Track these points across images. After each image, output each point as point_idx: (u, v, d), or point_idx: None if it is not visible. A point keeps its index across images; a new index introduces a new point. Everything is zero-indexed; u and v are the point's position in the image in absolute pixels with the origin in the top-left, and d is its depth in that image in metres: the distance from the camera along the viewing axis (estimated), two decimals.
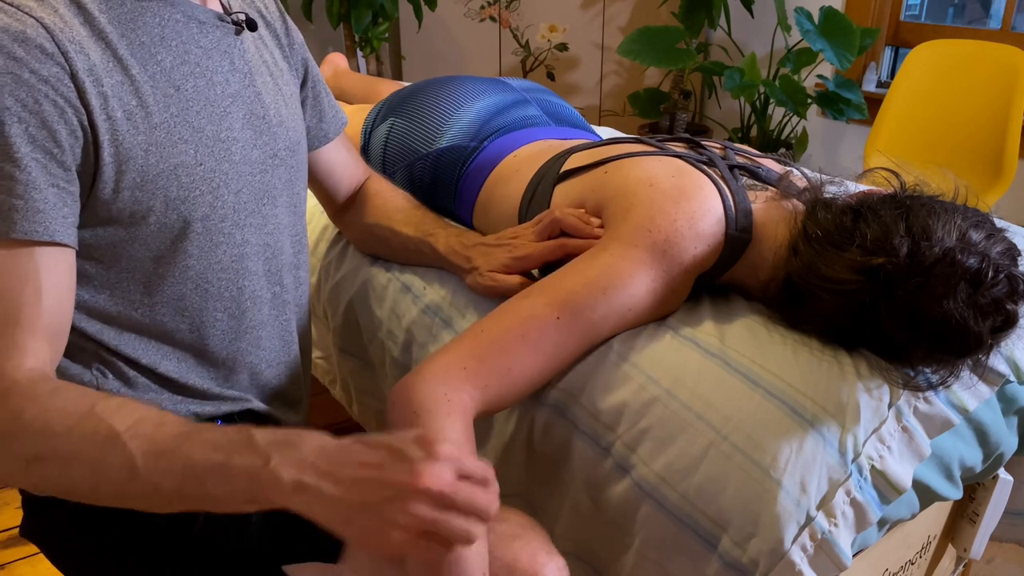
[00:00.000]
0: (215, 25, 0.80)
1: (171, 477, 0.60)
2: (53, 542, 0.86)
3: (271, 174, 0.86)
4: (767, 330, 0.86)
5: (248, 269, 0.85)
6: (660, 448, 0.80)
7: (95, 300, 0.76)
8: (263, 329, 0.89)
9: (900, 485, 0.77)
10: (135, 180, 0.72)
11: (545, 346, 0.83)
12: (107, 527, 0.80)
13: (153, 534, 0.79)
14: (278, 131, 0.86)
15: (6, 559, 1.48)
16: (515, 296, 0.87)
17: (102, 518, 0.76)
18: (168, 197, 0.74)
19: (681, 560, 0.79)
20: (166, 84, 0.74)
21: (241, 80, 0.82)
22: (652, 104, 3.03)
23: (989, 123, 2.17)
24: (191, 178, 0.76)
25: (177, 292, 0.79)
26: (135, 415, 0.63)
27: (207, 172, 0.77)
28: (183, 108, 0.75)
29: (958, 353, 0.78)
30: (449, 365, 0.80)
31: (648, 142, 1.06)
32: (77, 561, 0.85)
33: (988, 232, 0.79)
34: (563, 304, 0.84)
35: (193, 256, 0.79)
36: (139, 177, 0.72)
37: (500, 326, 0.83)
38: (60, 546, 0.86)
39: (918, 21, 2.86)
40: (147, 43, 0.73)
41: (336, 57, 1.95)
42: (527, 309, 0.84)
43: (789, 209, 0.89)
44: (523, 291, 0.88)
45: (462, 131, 1.19)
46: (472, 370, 0.80)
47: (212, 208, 0.78)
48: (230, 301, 0.84)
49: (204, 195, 0.77)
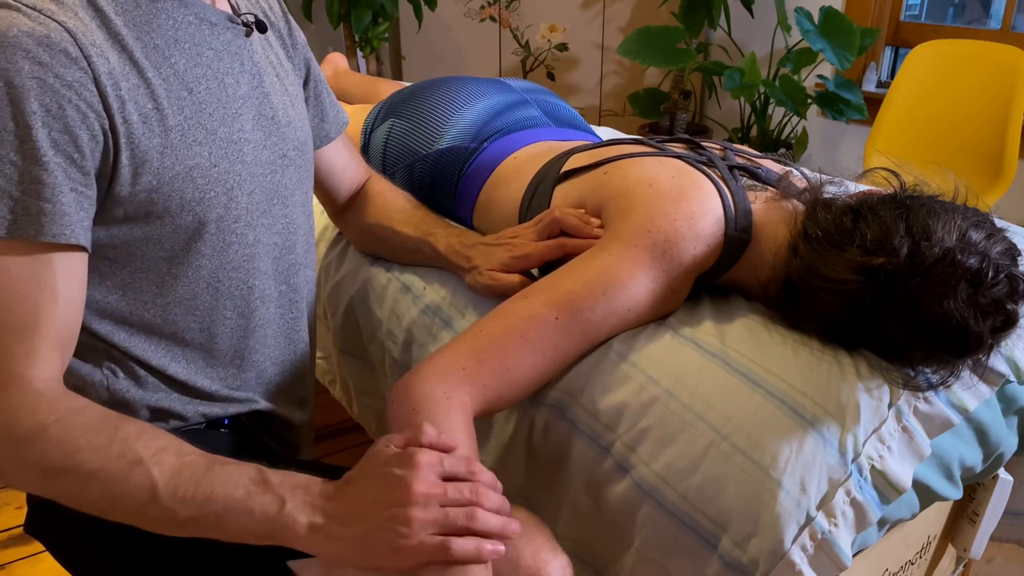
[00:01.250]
0: (226, 27, 0.80)
1: (190, 507, 0.65)
2: (57, 538, 0.86)
3: (282, 174, 0.86)
4: (767, 330, 0.86)
5: (258, 268, 0.85)
6: (660, 448, 0.80)
7: (107, 300, 0.77)
8: (270, 327, 0.89)
9: (900, 485, 0.77)
10: (151, 182, 0.72)
11: (544, 346, 0.83)
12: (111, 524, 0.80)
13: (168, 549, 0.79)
14: (287, 131, 0.87)
15: (6, 559, 1.48)
16: (514, 296, 0.87)
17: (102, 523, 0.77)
18: (183, 199, 0.75)
19: (681, 560, 0.79)
20: (179, 87, 0.75)
21: (251, 81, 0.83)
22: (652, 104, 3.03)
23: (989, 123, 2.17)
24: (206, 180, 0.76)
25: (189, 291, 0.80)
26: (159, 442, 0.67)
27: (221, 174, 0.78)
28: (196, 111, 0.76)
29: (958, 353, 0.78)
30: (448, 365, 0.80)
31: (648, 143, 1.06)
32: (82, 557, 0.86)
33: (988, 232, 0.79)
34: (562, 304, 0.84)
35: (206, 256, 0.79)
36: (155, 179, 0.73)
37: (499, 326, 0.83)
38: (65, 542, 0.86)
39: (918, 21, 2.86)
40: (161, 46, 0.74)
41: (336, 57, 1.95)
42: (526, 309, 0.84)
43: (789, 209, 0.89)
44: (522, 291, 0.88)
45: (462, 132, 1.19)
46: (471, 370, 0.80)
47: (226, 209, 0.79)
48: (240, 300, 0.84)
49: (219, 196, 0.78)
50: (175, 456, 0.66)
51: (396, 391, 0.80)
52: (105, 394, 0.80)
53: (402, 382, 0.80)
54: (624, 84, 3.25)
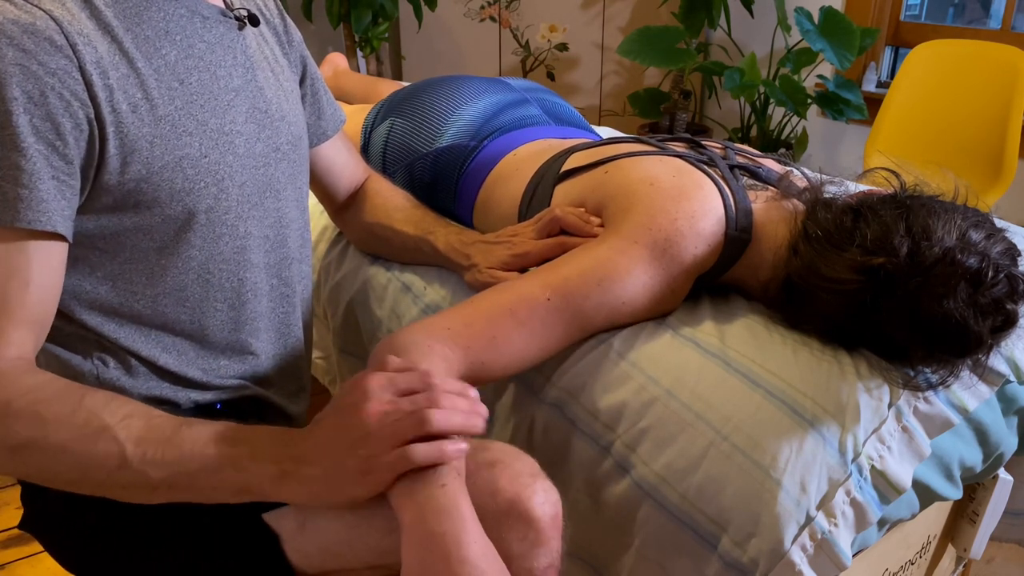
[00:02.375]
0: (218, 20, 0.81)
1: (160, 468, 0.65)
2: (54, 534, 0.86)
3: (274, 168, 0.86)
4: (767, 330, 0.86)
5: (250, 261, 0.85)
6: (660, 448, 0.80)
7: (97, 291, 0.77)
8: (261, 320, 0.89)
9: (900, 485, 0.77)
10: (140, 172, 0.72)
11: (532, 323, 0.84)
12: (105, 518, 0.80)
13: (150, 524, 0.79)
14: (280, 125, 0.87)
15: (6, 559, 1.48)
16: (514, 278, 0.89)
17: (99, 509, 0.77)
18: (173, 189, 0.75)
19: (681, 560, 0.79)
20: (171, 78, 0.75)
21: (243, 75, 0.83)
22: (652, 104, 3.03)
23: (989, 123, 2.17)
24: (196, 170, 0.76)
25: (179, 283, 0.80)
26: (125, 409, 0.67)
27: (212, 164, 0.78)
28: (187, 101, 0.76)
29: (958, 353, 0.78)
30: (435, 322, 0.82)
31: (648, 142, 1.06)
32: (78, 553, 0.86)
33: (988, 232, 0.79)
34: (556, 288, 0.85)
35: (196, 247, 0.79)
36: (144, 169, 0.73)
37: (490, 298, 0.85)
38: (59, 538, 0.86)
39: (918, 21, 2.86)
40: (152, 37, 0.74)
41: (336, 57, 1.95)
42: (520, 288, 0.86)
43: (789, 209, 0.89)
44: (523, 275, 0.90)
45: (462, 131, 1.19)
46: (456, 331, 0.81)
47: (216, 200, 0.79)
48: (231, 292, 0.84)
49: (208, 187, 0.78)
50: (142, 420, 0.66)
51: (380, 343, 0.80)
52: (95, 383, 0.79)
53: (387, 336, 0.81)
54: (624, 84, 3.25)
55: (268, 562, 0.77)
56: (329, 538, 0.76)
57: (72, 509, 0.82)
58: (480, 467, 0.70)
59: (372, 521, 0.74)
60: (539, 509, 0.69)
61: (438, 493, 0.64)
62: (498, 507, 0.68)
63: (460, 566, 0.61)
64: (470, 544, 0.62)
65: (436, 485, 0.64)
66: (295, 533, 0.77)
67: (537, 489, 0.70)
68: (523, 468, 0.72)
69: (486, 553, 0.63)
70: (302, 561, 0.77)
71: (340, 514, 0.75)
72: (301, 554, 0.77)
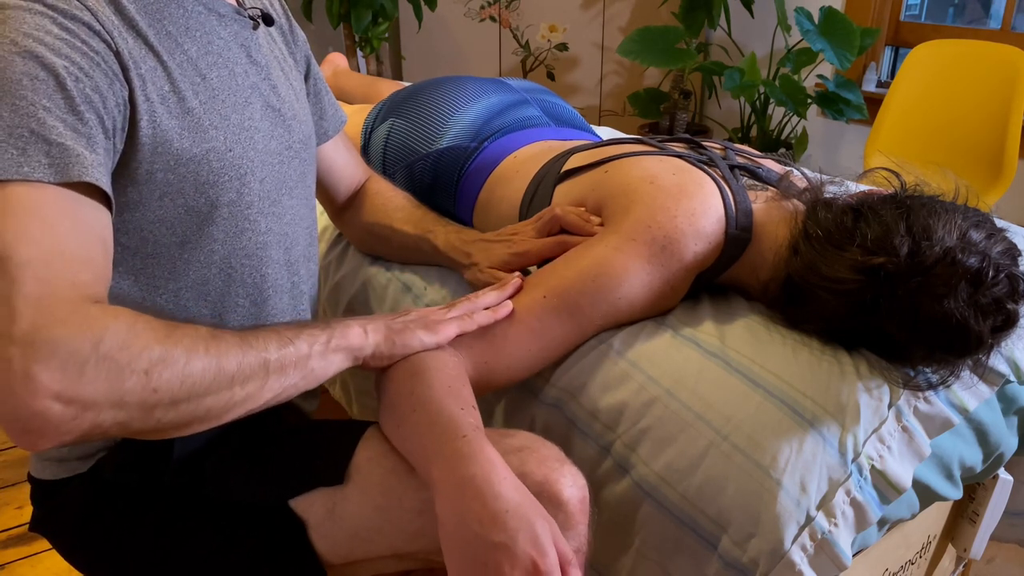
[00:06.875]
0: (233, 18, 0.82)
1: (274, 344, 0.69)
2: (66, 534, 0.86)
3: (287, 166, 0.87)
4: (767, 330, 0.86)
5: (270, 257, 0.86)
6: (660, 448, 0.80)
7: (119, 286, 0.77)
8: (282, 318, 0.90)
9: (900, 485, 0.77)
10: (168, 163, 0.73)
11: (530, 321, 0.85)
12: (124, 516, 0.80)
13: (173, 518, 0.79)
14: (292, 124, 0.88)
15: (6, 559, 1.48)
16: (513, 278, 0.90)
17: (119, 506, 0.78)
18: (198, 181, 0.76)
19: (681, 560, 0.79)
20: (193, 73, 0.76)
21: (258, 72, 0.84)
22: (652, 104, 3.03)
23: (989, 123, 2.17)
24: (221, 163, 0.77)
25: (201, 277, 0.81)
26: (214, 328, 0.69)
27: (236, 158, 0.79)
28: (211, 96, 0.77)
29: (958, 353, 0.78)
30: None
31: (648, 142, 1.06)
32: (94, 552, 0.85)
33: (988, 232, 0.79)
34: (552, 286, 0.86)
35: (218, 241, 0.80)
36: (173, 160, 0.73)
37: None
38: (74, 538, 0.86)
39: (918, 21, 2.86)
40: (173, 33, 0.75)
41: (336, 57, 1.95)
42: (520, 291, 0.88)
43: (789, 209, 0.90)
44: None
45: (462, 131, 1.19)
46: None
47: (239, 194, 0.80)
48: (252, 288, 0.85)
49: (232, 181, 0.79)
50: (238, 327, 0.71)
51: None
52: None
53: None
54: (624, 84, 3.25)
55: (294, 552, 0.76)
56: (359, 524, 0.75)
57: (89, 508, 0.82)
58: (508, 452, 0.71)
59: (403, 503, 0.74)
60: (568, 492, 0.70)
61: (461, 443, 0.66)
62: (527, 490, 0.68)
63: (495, 502, 0.62)
64: (501, 481, 0.64)
65: (458, 437, 0.67)
66: (324, 519, 0.76)
67: (565, 473, 0.71)
68: (550, 453, 0.72)
69: (518, 487, 0.65)
70: (329, 550, 0.76)
71: (371, 497, 0.75)
72: (329, 541, 0.76)
